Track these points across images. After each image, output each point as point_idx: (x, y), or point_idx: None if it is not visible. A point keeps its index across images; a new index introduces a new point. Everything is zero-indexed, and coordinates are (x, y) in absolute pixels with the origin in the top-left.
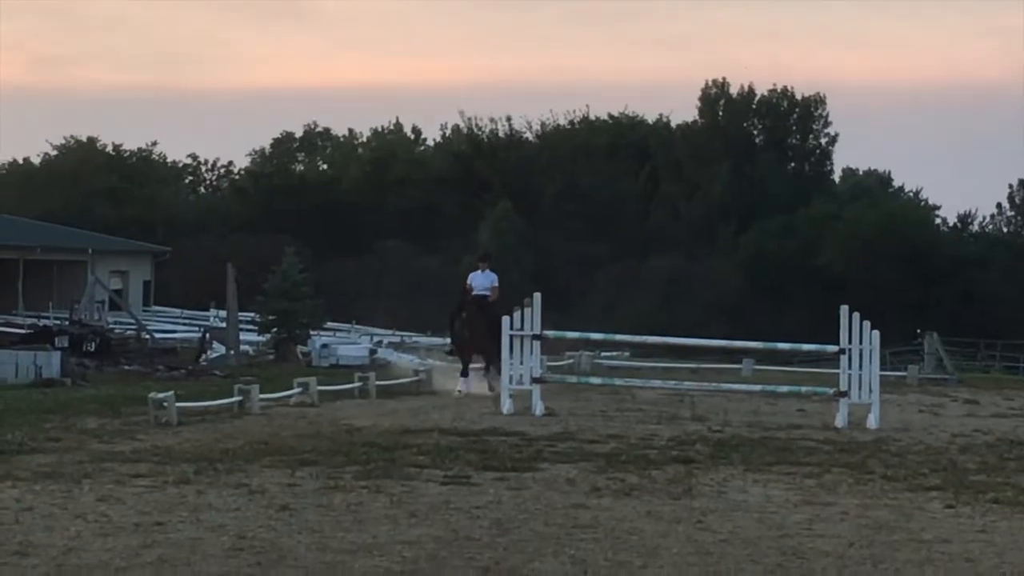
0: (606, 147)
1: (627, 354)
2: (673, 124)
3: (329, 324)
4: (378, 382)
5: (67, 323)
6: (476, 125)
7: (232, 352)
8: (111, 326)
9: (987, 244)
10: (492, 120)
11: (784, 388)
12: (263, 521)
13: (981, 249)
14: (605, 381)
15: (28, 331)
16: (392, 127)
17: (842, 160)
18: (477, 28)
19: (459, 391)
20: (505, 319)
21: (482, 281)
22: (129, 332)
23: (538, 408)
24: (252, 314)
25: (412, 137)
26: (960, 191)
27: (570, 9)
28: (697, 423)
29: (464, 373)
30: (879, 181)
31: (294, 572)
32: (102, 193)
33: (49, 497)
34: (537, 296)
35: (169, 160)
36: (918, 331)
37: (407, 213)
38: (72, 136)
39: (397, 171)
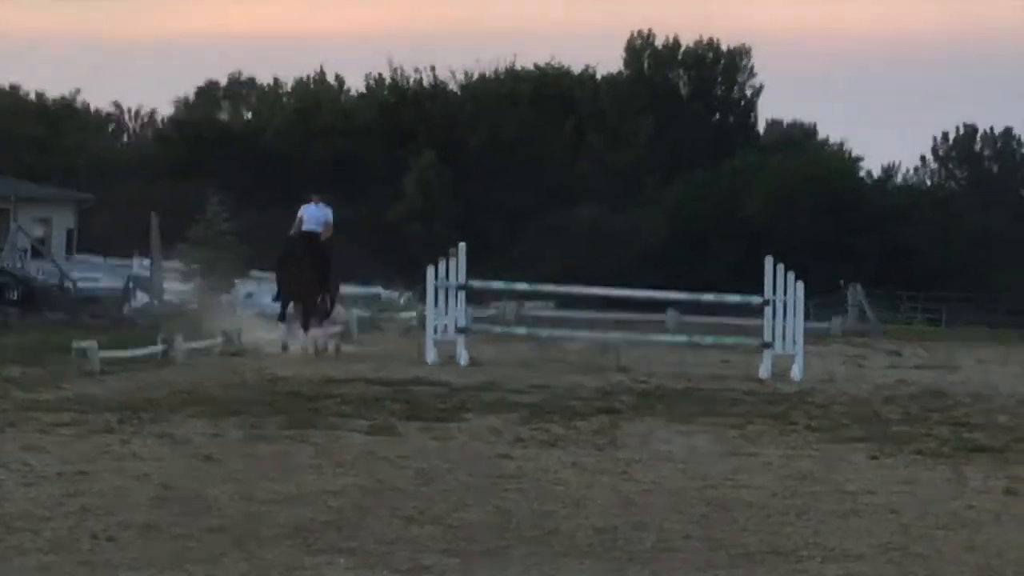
0: (531, 97)
1: (552, 305)
2: (598, 76)
3: (254, 273)
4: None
5: None
6: (401, 74)
7: (156, 301)
8: (34, 275)
9: (910, 196)
10: (417, 70)
11: (709, 339)
12: (187, 471)
13: (904, 201)
14: (530, 331)
15: None
16: (316, 76)
17: (767, 112)
18: None
19: (296, 345)
20: (430, 268)
21: (315, 214)
22: (52, 281)
23: (463, 358)
24: (176, 263)
25: (336, 86)
26: (884, 143)
27: None
28: (622, 374)
29: (300, 325)
30: (803, 133)
31: (219, 521)
32: (25, 141)
33: None
34: (462, 246)
35: (93, 108)
36: (841, 282)
37: (332, 163)
38: None
39: (322, 121)
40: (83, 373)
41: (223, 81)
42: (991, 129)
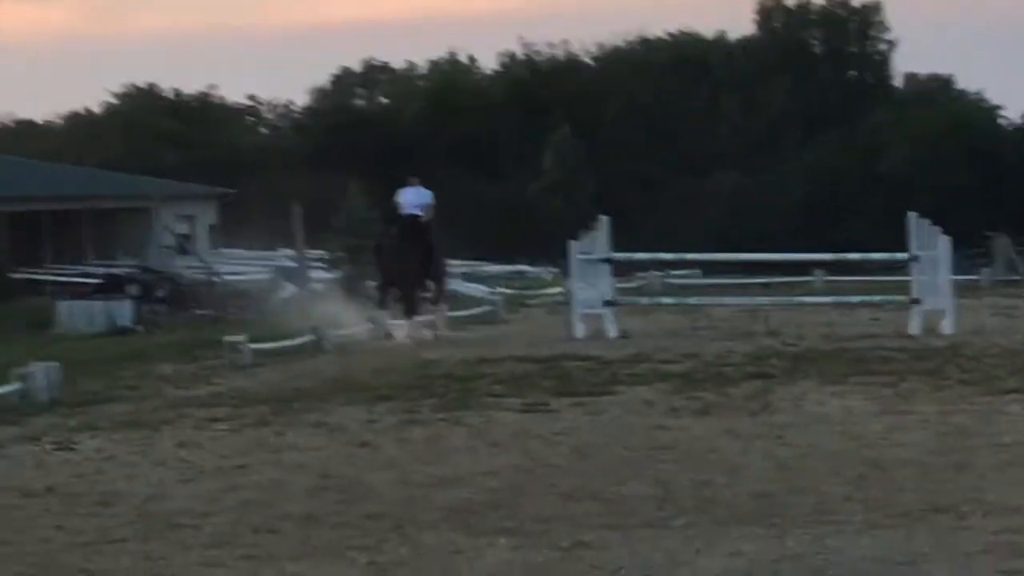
0: (664, 65)
1: (697, 273)
2: (731, 39)
3: None
4: (449, 313)
5: (136, 271)
6: (534, 51)
7: (303, 291)
8: (180, 271)
9: None
10: (550, 45)
11: (856, 299)
12: (344, 459)
13: None
14: (677, 300)
15: (100, 281)
16: (449, 58)
17: (903, 66)
18: None
19: (406, 334)
20: (573, 243)
21: (413, 198)
22: (199, 277)
23: (611, 331)
24: (321, 252)
25: (469, 66)
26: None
27: None
28: (771, 338)
29: (404, 314)
30: (941, 85)
31: (377, 508)
32: (164, 138)
33: (129, 445)
34: (604, 219)
35: (229, 101)
36: (986, 233)
37: (468, 143)
38: (131, 83)
39: (456, 102)
40: (235, 367)
41: (357, 68)
42: None
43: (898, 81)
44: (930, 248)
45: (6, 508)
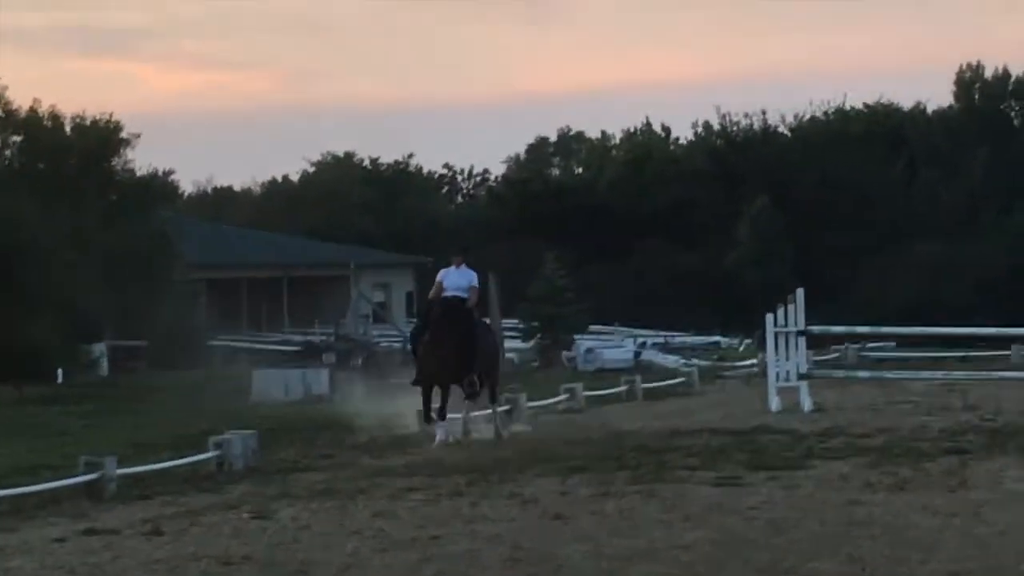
0: (861, 136)
1: (893, 345)
2: (929, 111)
3: (592, 328)
4: (644, 384)
5: (333, 338)
6: (730, 120)
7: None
8: (376, 339)
9: None
10: (746, 115)
11: None
12: (537, 530)
13: None
14: (873, 374)
15: (296, 348)
16: (643, 127)
17: None
18: (727, 22)
19: (439, 439)
20: (768, 315)
21: (456, 280)
22: (395, 344)
23: (806, 404)
24: (515, 321)
25: (663, 135)
26: None
27: None
28: (969, 413)
29: (436, 414)
30: None
31: None
32: (360, 207)
33: (325, 514)
34: (799, 291)
35: (425, 171)
36: None
37: (664, 212)
38: (329, 152)
39: (651, 170)
40: (430, 437)
41: (552, 137)
42: None
43: None
44: None
45: None
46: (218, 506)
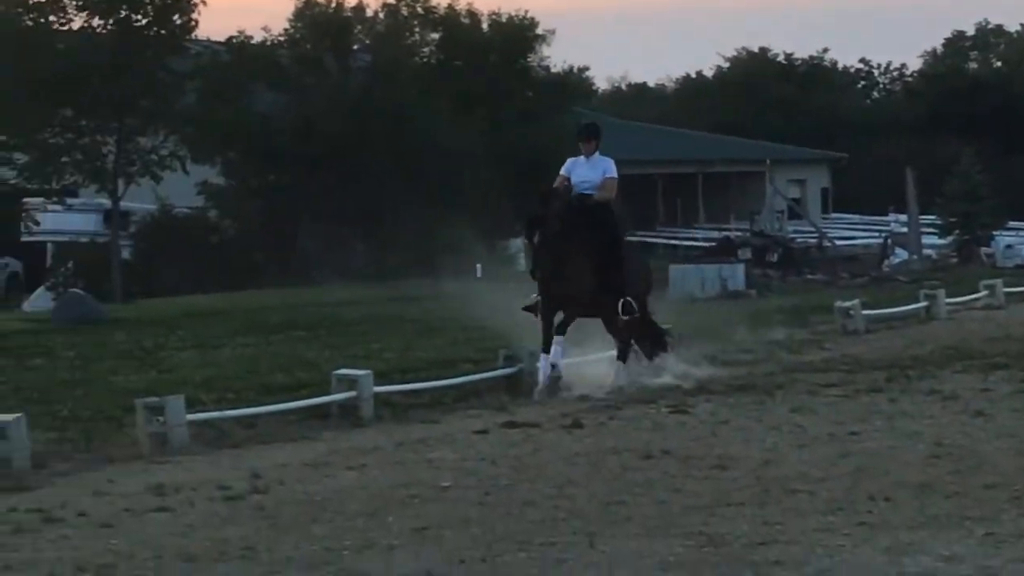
0: None
1: None
2: None
3: (1011, 224)
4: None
5: (748, 234)
6: None
7: (915, 257)
8: (792, 236)
9: None
10: None
11: None
12: (958, 428)
13: None
14: None
15: (711, 244)
16: None
17: None
18: None
19: (540, 385)
20: None
21: (586, 173)
22: (810, 241)
23: None
24: (932, 217)
25: None
26: None
27: None
28: None
29: (544, 347)
30: None
31: (994, 479)
32: (773, 103)
33: (743, 410)
34: None
35: (841, 66)
36: None
37: None
38: (743, 47)
39: None
40: (847, 332)
41: (970, 31)
42: None
43: None
44: None
45: (625, 469)
46: (637, 400)
